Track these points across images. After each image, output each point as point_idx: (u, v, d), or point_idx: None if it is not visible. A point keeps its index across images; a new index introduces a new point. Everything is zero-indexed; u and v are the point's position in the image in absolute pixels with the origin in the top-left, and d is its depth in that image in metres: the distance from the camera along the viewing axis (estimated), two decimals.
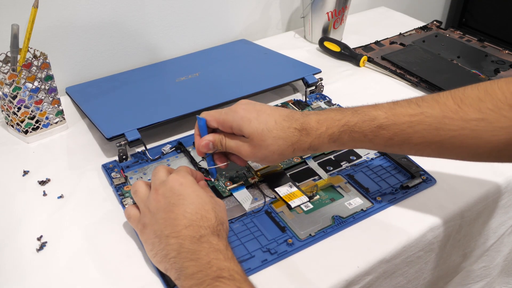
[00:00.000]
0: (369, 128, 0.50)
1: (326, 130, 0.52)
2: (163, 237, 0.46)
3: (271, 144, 0.52)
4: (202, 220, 0.46)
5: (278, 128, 0.52)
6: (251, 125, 0.52)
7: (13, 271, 0.49)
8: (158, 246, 0.46)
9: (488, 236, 0.68)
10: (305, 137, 0.52)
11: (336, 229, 0.54)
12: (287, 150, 0.53)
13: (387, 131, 0.49)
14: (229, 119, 0.54)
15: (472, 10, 1.42)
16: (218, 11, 0.95)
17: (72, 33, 0.80)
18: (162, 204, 0.47)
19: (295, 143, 0.52)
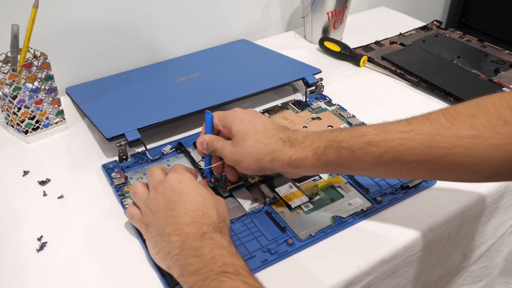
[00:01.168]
0: (357, 143, 0.47)
1: (311, 144, 0.50)
2: (165, 235, 0.45)
3: (251, 146, 0.51)
4: (204, 217, 0.46)
5: (263, 132, 0.51)
6: (241, 124, 0.52)
7: (13, 271, 0.49)
8: (161, 244, 0.46)
9: (488, 236, 0.68)
10: (287, 148, 0.50)
11: (336, 229, 0.54)
12: (265, 157, 0.50)
13: (377, 148, 0.46)
14: (227, 117, 0.55)
15: (472, 10, 1.42)
16: (218, 11, 0.95)
17: (72, 33, 0.80)
18: (162, 202, 0.47)
19: (275, 152, 0.50)
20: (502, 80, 0.82)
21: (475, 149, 0.43)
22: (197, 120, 0.73)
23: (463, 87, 0.80)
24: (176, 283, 0.46)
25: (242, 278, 0.41)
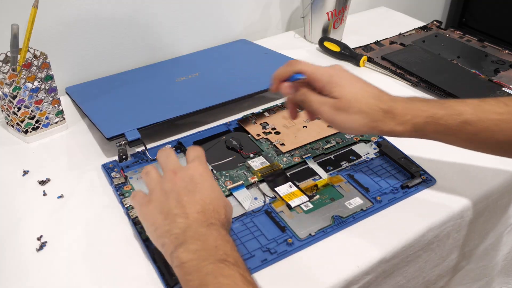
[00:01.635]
0: (454, 122, 0.51)
1: (412, 119, 0.52)
2: (170, 214, 0.45)
3: (355, 113, 0.53)
4: (214, 212, 0.46)
5: (365, 103, 0.53)
6: (343, 89, 0.53)
7: (13, 271, 0.50)
8: (162, 221, 0.45)
9: (488, 236, 0.68)
10: (389, 119, 0.53)
11: (336, 229, 0.54)
12: (367, 125, 0.53)
13: (473, 127, 0.50)
14: (321, 74, 0.55)
15: (472, 10, 1.42)
16: (218, 11, 0.95)
17: (72, 33, 0.80)
18: (178, 186, 0.47)
19: (378, 121, 0.53)
20: (502, 80, 0.82)
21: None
22: (197, 120, 0.73)
23: (463, 87, 0.80)
24: (175, 283, 0.46)
25: (240, 270, 0.40)
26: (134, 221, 0.54)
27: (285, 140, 0.68)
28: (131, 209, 0.56)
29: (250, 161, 0.63)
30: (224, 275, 0.40)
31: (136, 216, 0.54)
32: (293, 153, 0.65)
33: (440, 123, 0.52)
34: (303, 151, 0.66)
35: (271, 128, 0.70)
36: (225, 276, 0.39)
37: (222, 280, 0.39)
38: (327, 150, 0.66)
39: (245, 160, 0.64)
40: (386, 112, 0.53)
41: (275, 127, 0.71)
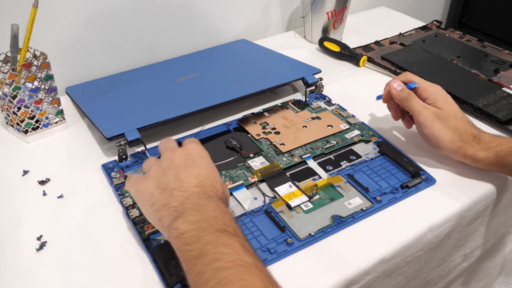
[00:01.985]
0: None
1: (496, 146, 0.57)
2: (168, 189, 0.45)
3: (450, 128, 0.59)
4: (211, 187, 0.46)
5: (461, 123, 0.59)
6: (447, 104, 0.60)
7: (13, 271, 0.49)
8: (159, 196, 0.45)
9: (488, 236, 0.68)
10: (475, 143, 0.58)
11: (336, 229, 0.54)
12: (455, 142, 0.58)
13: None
14: (431, 88, 0.62)
15: (472, 10, 1.41)
16: (218, 11, 0.95)
17: (72, 33, 0.80)
18: (175, 163, 0.47)
19: (464, 142, 0.58)
20: (502, 80, 0.82)
21: None
22: (197, 120, 0.73)
23: (463, 87, 0.80)
24: (175, 282, 0.46)
25: (240, 240, 0.41)
26: (134, 221, 0.54)
27: (285, 140, 0.68)
28: (131, 209, 0.56)
29: (250, 161, 0.63)
30: (224, 244, 0.40)
31: (136, 216, 0.55)
32: (293, 153, 0.65)
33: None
34: (303, 151, 0.66)
35: (271, 128, 0.70)
36: (225, 245, 0.40)
37: (222, 249, 0.39)
38: (327, 150, 0.66)
39: (245, 160, 0.64)
40: (475, 136, 0.59)
41: (275, 127, 0.71)
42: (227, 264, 0.38)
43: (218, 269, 0.38)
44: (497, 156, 0.57)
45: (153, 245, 0.51)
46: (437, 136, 0.59)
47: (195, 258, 0.39)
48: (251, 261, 0.39)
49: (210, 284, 0.37)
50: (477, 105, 0.75)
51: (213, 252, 0.39)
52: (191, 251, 0.40)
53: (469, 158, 0.59)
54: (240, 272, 0.37)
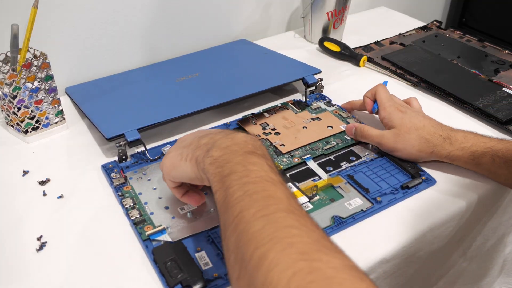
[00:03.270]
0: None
1: (470, 147, 0.58)
2: (194, 140, 0.49)
3: (414, 139, 0.60)
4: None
5: (425, 130, 0.60)
6: (403, 120, 0.61)
7: (13, 271, 0.49)
8: (188, 148, 0.48)
9: (488, 236, 0.68)
10: (447, 145, 0.59)
11: (336, 229, 0.54)
12: (426, 149, 0.60)
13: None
14: (385, 110, 0.64)
15: (472, 10, 1.41)
16: (218, 11, 0.95)
17: (72, 33, 0.80)
18: (196, 135, 0.51)
19: (436, 146, 0.59)
20: (502, 80, 0.82)
21: None
22: (197, 120, 0.73)
23: (463, 87, 0.80)
24: (176, 283, 0.46)
25: (268, 161, 0.43)
26: (134, 222, 0.54)
27: (285, 140, 0.68)
28: (131, 210, 0.56)
29: None
30: (253, 163, 0.42)
31: (136, 217, 0.55)
32: (293, 153, 0.65)
33: (498, 155, 0.56)
34: (303, 152, 0.66)
35: (271, 128, 0.70)
36: (253, 163, 0.42)
37: (250, 167, 0.41)
38: (327, 151, 0.66)
39: None
40: (445, 138, 0.59)
41: (275, 127, 0.71)
42: (253, 179, 0.40)
43: (245, 183, 0.40)
44: (473, 156, 0.58)
45: (153, 246, 0.51)
46: (405, 152, 0.61)
47: (226, 176, 0.41)
48: (277, 178, 0.41)
49: (236, 194, 0.39)
50: (477, 105, 0.75)
51: (241, 170, 0.41)
52: (223, 172, 0.42)
53: (445, 158, 0.60)
54: (265, 185, 0.40)
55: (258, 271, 0.32)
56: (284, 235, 0.34)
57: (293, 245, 0.33)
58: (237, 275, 0.35)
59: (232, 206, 0.38)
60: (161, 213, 0.56)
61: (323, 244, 0.34)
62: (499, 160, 0.56)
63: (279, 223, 0.35)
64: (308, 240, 0.34)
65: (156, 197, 0.58)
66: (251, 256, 0.34)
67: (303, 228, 0.35)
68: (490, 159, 0.57)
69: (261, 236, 0.34)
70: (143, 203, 0.57)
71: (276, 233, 0.34)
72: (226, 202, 0.40)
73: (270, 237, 0.34)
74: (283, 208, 0.37)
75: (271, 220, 0.36)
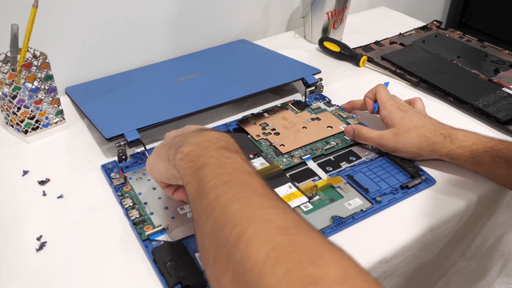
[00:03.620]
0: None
1: (471, 145, 0.58)
2: (170, 140, 0.48)
3: (414, 137, 0.60)
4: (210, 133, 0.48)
5: (425, 128, 0.60)
6: (403, 119, 0.61)
7: (13, 271, 0.50)
8: (164, 148, 0.48)
9: (488, 236, 0.68)
10: (448, 143, 0.59)
11: (336, 229, 0.54)
12: (426, 147, 0.59)
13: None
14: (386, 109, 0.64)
15: (472, 10, 1.41)
16: (218, 11, 0.95)
17: (72, 33, 0.80)
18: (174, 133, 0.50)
19: (436, 144, 0.59)
20: (502, 80, 0.82)
21: None
22: (197, 120, 0.73)
23: (463, 87, 0.80)
24: (175, 283, 0.46)
25: (241, 155, 0.42)
26: (134, 222, 0.54)
27: (284, 140, 0.68)
28: (130, 210, 0.56)
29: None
30: (226, 156, 0.41)
31: (136, 217, 0.55)
32: (292, 154, 0.65)
33: (498, 155, 0.56)
34: (302, 152, 0.66)
35: (271, 128, 0.70)
36: (226, 157, 0.41)
37: (224, 160, 0.41)
38: (326, 151, 0.66)
39: None
40: (446, 136, 0.59)
41: (274, 127, 0.71)
42: (228, 170, 0.40)
43: (219, 173, 0.39)
44: (473, 155, 0.58)
45: (153, 246, 0.51)
46: (406, 151, 0.61)
47: (198, 169, 0.41)
48: (251, 170, 0.40)
49: (211, 183, 0.38)
50: (477, 105, 0.75)
51: (215, 162, 0.41)
52: (195, 165, 0.41)
53: (445, 157, 0.60)
54: (239, 175, 0.39)
55: (236, 247, 0.32)
56: (262, 214, 0.34)
57: (271, 222, 0.33)
58: (213, 257, 0.35)
59: (207, 193, 0.38)
60: (161, 213, 0.56)
61: (301, 222, 0.34)
62: (500, 160, 0.56)
63: (257, 204, 0.35)
64: (286, 218, 0.34)
65: (156, 197, 0.58)
66: (229, 235, 0.33)
67: (280, 210, 0.35)
68: (490, 158, 0.57)
69: (239, 216, 0.34)
70: (143, 203, 0.57)
71: (254, 212, 0.34)
72: (200, 190, 0.39)
73: (248, 216, 0.34)
74: (259, 192, 0.37)
75: (248, 202, 0.36)
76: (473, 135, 0.59)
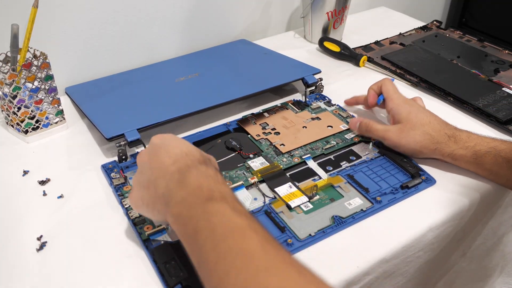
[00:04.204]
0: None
1: (474, 146, 0.58)
2: (151, 183, 0.45)
3: (419, 135, 0.60)
4: (187, 156, 0.46)
5: (430, 127, 0.60)
6: (409, 115, 0.61)
7: (13, 271, 0.49)
8: (147, 194, 0.46)
9: (488, 236, 0.68)
10: (451, 143, 0.59)
11: (336, 229, 0.54)
12: (430, 146, 0.59)
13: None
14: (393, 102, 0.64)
15: (472, 10, 1.42)
16: (218, 11, 0.95)
17: (72, 33, 0.80)
18: (145, 159, 0.48)
19: (440, 144, 0.59)
20: (502, 80, 0.82)
21: None
22: (197, 120, 0.73)
23: (463, 87, 0.80)
24: (175, 283, 0.46)
25: (229, 203, 0.41)
26: (134, 222, 0.54)
27: (284, 140, 0.68)
28: (130, 210, 0.56)
29: (249, 162, 0.63)
30: (214, 213, 0.40)
31: (136, 217, 0.55)
32: (292, 153, 0.65)
33: (501, 156, 0.56)
34: (303, 152, 0.66)
35: (271, 128, 0.70)
36: (214, 214, 0.40)
37: (213, 219, 0.40)
38: (327, 151, 0.66)
39: (245, 160, 0.64)
40: (450, 136, 0.59)
41: (274, 127, 0.71)
42: (221, 234, 0.38)
43: (215, 244, 0.38)
44: (475, 155, 0.58)
45: (153, 246, 0.51)
46: (409, 148, 0.61)
47: (191, 236, 0.40)
48: (245, 223, 0.39)
49: (210, 258, 0.38)
50: (477, 105, 0.75)
51: (206, 227, 0.39)
52: (187, 230, 0.41)
53: (448, 157, 0.60)
54: (235, 239, 0.38)
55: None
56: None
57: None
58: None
59: (210, 271, 0.37)
60: None
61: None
62: (502, 160, 0.56)
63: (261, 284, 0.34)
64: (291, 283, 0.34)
65: None
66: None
67: (285, 282, 0.34)
68: (492, 159, 0.57)
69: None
70: None
71: None
72: (202, 266, 0.39)
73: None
74: (260, 265, 0.36)
75: (252, 282, 0.35)
76: (476, 136, 0.59)
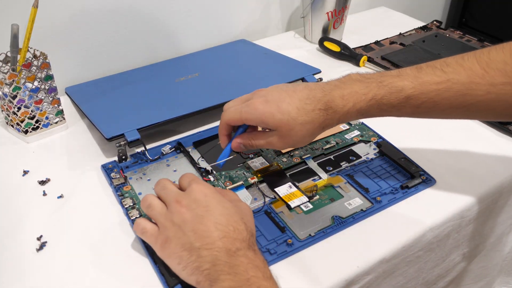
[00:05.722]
0: (396, 99, 0.51)
1: (354, 106, 0.51)
2: (193, 249, 0.43)
3: (300, 130, 0.51)
4: (235, 233, 0.44)
5: (302, 114, 0.51)
6: (275, 118, 0.51)
7: (13, 271, 0.50)
8: (188, 259, 0.43)
9: (488, 236, 0.68)
10: (331, 115, 0.52)
11: (336, 229, 0.54)
12: (316, 130, 0.52)
13: (415, 100, 0.50)
14: (251, 118, 0.53)
15: (472, 10, 1.41)
16: (218, 11, 0.95)
17: (72, 33, 0.80)
18: (188, 216, 0.45)
19: (323, 122, 0.52)
20: None
21: (506, 94, 0.47)
22: (197, 120, 0.73)
23: None
24: (175, 283, 0.46)
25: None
26: (133, 222, 0.54)
27: None
28: (130, 210, 0.56)
29: (249, 162, 0.63)
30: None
31: (136, 217, 0.55)
32: (292, 153, 0.65)
33: (383, 103, 0.51)
34: (302, 152, 0.66)
35: None
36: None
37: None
38: (327, 151, 0.66)
39: (245, 160, 0.64)
40: (326, 109, 0.51)
41: None
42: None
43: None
44: (360, 112, 0.52)
45: None
46: (302, 143, 0.54)
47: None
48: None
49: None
50: None
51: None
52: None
53: (339, 123, 0.54)
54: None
55: None
56: None
57: None
58: None
59: None
60: None
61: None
62: (386, 107, 0.51)
63: None
64: None
65: None
66: None
67: None
68: (377, 109, 0.52)
69: None
70: None
71: None
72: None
73: None
74: None
75: None
76: (349, 92, 0.51)
